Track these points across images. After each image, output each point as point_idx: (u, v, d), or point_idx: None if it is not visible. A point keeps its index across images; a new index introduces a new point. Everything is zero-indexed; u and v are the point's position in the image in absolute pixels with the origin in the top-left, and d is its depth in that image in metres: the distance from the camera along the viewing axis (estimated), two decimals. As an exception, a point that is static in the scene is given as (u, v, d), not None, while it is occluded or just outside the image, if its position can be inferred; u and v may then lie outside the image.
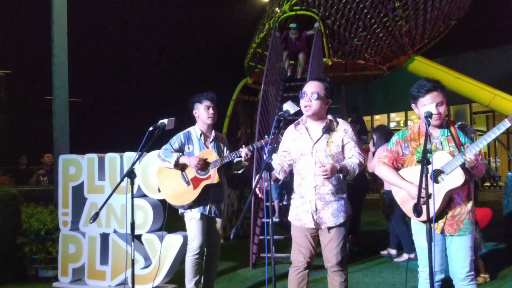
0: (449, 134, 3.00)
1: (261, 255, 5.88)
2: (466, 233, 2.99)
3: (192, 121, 4.35)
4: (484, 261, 4.98)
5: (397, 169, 3.12)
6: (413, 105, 3.07)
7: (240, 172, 4.28)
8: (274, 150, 3.14)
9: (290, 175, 3.47)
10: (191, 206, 4.12)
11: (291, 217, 3.42)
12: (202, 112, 4.19)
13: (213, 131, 4.30)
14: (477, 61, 20.51)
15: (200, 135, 4.22)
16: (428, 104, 2.93)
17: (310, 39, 8.84)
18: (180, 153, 4.14)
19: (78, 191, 5.19)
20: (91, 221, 3.26)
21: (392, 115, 26.17)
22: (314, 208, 3.26)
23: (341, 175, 3.27)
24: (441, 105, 2.95)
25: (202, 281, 4.28)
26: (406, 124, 23.66)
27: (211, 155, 4.11)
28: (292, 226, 3.42)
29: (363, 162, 3.29)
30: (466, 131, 2.98)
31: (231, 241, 3.48)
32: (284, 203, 7.04)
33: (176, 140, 4.21)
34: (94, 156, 5.12)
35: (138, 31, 18.64)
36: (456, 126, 3.04)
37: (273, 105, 7.46)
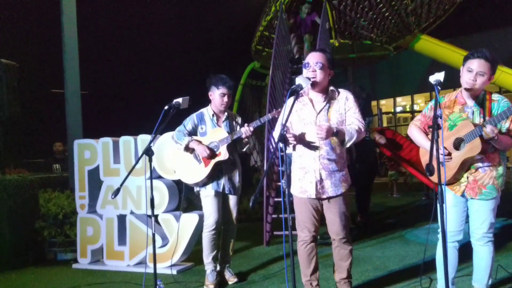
0: (482, 106, 3.06)
1: (275, 233, 5.99)
2: (488, 197, 3.09)
3: (204, 101, 4.42)
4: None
5: (428, 133, 3.26)
6: (461, 68, 3.11)
7: (244, 149, 4.33)
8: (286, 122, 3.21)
9: None
10: (205, 183, 4.22)
11: (294, 190, 3.44)
12: (217, 97, 4.27)
13: (226, 112, 4.38)
14: (483, 42, 20.37)
15: (213, 115, 4.31)
16: (472, 68, 3.00)
17: (317, 25, 8.88)
18: (192, 138, 4.22)
19: (94, 174, 5.31)
20: (112, 197, 3.36)
21: (398, 99, 26.08)
22: (318, 177, 3.32)
23: (341, 145, 3.32)
24: (482, 75, 2.99)
25: (219, 257, 4.38)
26: (412, 108, 23.60)
27: (222, 133, 4.20)
28: (295, 200, 3.46)
29: (362, 130, 3.33)
30: (499, 104, 3.04)
31: (251, 209, 3.59)
32: None
33: (189, 121, 4.31)
34: (108, 140, 5.23)
35: (146, 13, 18.68)
36: (496, 98, 3.09)
37: (282, 87, 7.51)
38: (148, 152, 3.57)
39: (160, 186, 4.88)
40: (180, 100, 3.81)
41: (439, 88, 2.81)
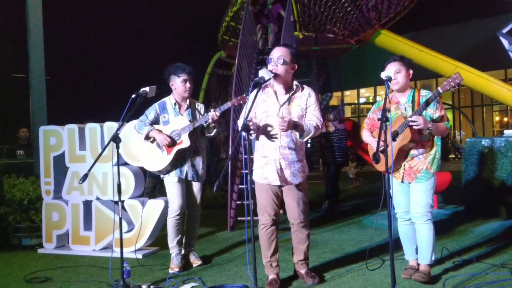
0: (412, 101, 3.52)
1: (238, 218, 6.20)
2: (423, 180, 3.54)
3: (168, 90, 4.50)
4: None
5: (373, 132, 3.78)
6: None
7: (212, 134, 4.36)
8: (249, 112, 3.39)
9: None
10: (168, 170, 4.34)
11: (256, 176, 3.65)
12: (179, 85, 4.33)
13: (188, 99, 4.44)
14: (443, 35, 21.10)
15: (175, 104, 4.38)
16: (390, 71, 3.49)
17: (282, 17, 9.08)
18: (152, 127, 4.31)
19: (59, 161, 5.35)
20: (80, 182, 3.48)
21: (362, 90, 26.68)
22: (278, 166, 3.54)
23: (299, 138, 3.52)
24: (399, 72, 3.51)
25: (184, 241, 4.54)
26: (375, 99, 24.19)
27: (183, 121, 4.29)
28: (257, 185, 3.66)
29: (320, 126, 3.57)
30: (430, 96, 3.46)
31: (215, 193, 3.78)
32: None
33: (151, 111, 4.39)
34: (74, 127, 5.26)
35: (111, 3, 18.40)
36: (424, 94, 3.55)
37: (248, 77, 7.67)
38: (116, 139, 3.69)
39: (126, 172, 4.97)
40: (147, 88, 3.93)
41: (389, 84, 3.10)
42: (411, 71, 3.57)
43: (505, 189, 6.16)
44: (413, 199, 3.60)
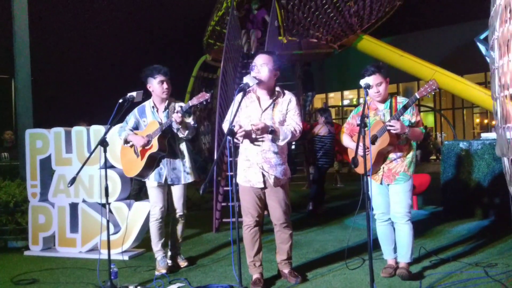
0: (390, 107, 3.70)
1: (224, 220, 6.30)
2: (401, 182, 3.71)
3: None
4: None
5: (352, 136, 3.92)
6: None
7: (185, 135, 4.24)
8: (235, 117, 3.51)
9: None
10: (147, 175, 4.34)
11: (239, 179, 3.77)
12: (156, 86, 4.29)
13: (167, 100, 4.37)
14: (424, 40, 21.49)
15: (153, 107, 4.36)
16: (371, 83, 3.62)
17: (267, 23, 9.24)
18: (129, 132, 4.32)
19: (45, 163, 5.40)
20: (69, 185, 3.55)
21: (346, 92, 26.98)
22: (261, 169, 3.67)
23: (275, 142, 3.64)
24: (380, 85, 3.68)
25: (169, 243, 4.61)
26: (358, 101, 24.47)
27: (155, 125, 4.25)
28: (240, 188, 3.78)
29: (297, 131, 3.68)
30: (408, 101, 3.61)
31: (201, 195, 3.85)
32: None
33: (131, 116, 4.40)
34: (60, 130, 5.32)
35: (100, 4, 18.35)
36: (401, 100, 3.72)
37: (233, 81, 7.79)
38: (103, 143, 3.77)
39: (112, 175, 5.04)
40: (134, 93, 4.02)
41: (368, 91, 3.25)
42: (388, 79, 3.74)
43: (482, 191, 6.38)
44: (393, 200, 3.76)
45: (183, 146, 4.40)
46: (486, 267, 3.97)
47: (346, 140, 3.97)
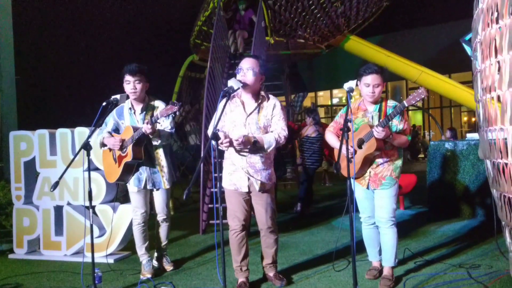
0: (379, 111, 3.65)
1: (210, 222, 6.29)
2: (387, 187, 3.69)
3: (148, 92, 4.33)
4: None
5: (339, 136, 3.83)
6: (358, 82, 3.64)
7: (158, 143, 4.15)
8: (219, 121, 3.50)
9: None
10: (126, 180, 4.26)
11: (225, 183, 3.75)
12: (125, 86, 4.16)
13: (145, 101, 4.23)
14: (412, 39, 21.62)
15: (130, 109, 4.23)
16: (368, 83, 3.59)
17: (254, 23, 9.24)
18: (106, 135, 4.19)
19: (30, 166, 5.35)
20: (52, 190, 3.51)
21: (335, 91, 27.04)
22: (247, 174, 3.66)
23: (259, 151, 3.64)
24: (377, 86, 3.61)
25: (156, 245, 4.59)
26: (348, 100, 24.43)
27: (129, 132, 4.09)
28: (226, 192, 3.77)
29: (281, 138, 3.64)
30: (395, 109, 3.51)
31: (185, 200, 3.84)
32: None
33: (110, 118, 4.27)
34: (45, 132, 5.27)
35: (86, 4, 18.20)
36: (391, 104, 3.68)
37: (220, 81, 7.78)
38: (87, 146, 3.73)
39: (97, 178, 5.01)
40: (118, 96, 3.98)
41: (352, 95, 3.24)
42: (384, 84, 3.71)
43: (467, 191, 6.43)
44: (378, 204, 3.74)
45: (160, 151, 4.24)
46: (469, 268, 4.01)
47: (331, 139, 3.92)
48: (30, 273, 4.58)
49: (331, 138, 3.92)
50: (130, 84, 4.11)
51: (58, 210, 5.19)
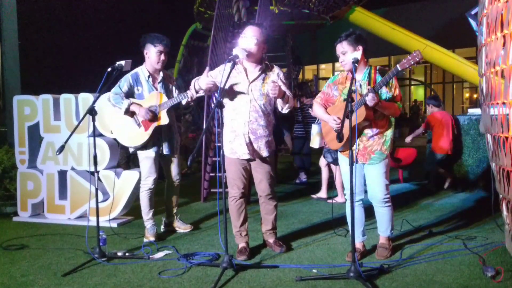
0: (368, 78, 3.53)
1: (212, 190, 6.38)
2: (376, 162, 3.58)
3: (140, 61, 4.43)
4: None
5: (327, 107, 3.74)
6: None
7: (186, 110, 4.48)
8: (224, 89, 3.53)
9: None
10: (144, 146, 4.37)
11: (225, 150, 3.80)
12: (153, 55, 4.29)
13: (161, 72, 4.41)
14: (417, 12, 21.33)
15: (148, 77, 4.34)
16: (338, 53, 3.53)
17: None
18: (131, 100, 4.26)
19: (33, 130, 5.39)
20: (57, 153, 3.56)
21: (337, 64, 26.84)
22: (247, 140, 3.71)
23: (266, 112, 3.74)
24: (344, 54, 3.50)
25: (166, 210, 4.73)
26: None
27: (161, 97, 4.27)
28: (227, 160, 3.82)
29: (292, 99, 3.77)
30: (385, 74, 3.43)
31: (188, 167, 3.91)
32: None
33: (125, 83, 4.32)
34: (49, 97, 5.28)
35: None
36: (377, 69, 3.56)
37: (223, 50, 7.74)
38: (92, 112, 3.76)
39: (101, 144, 5.05)
40: (123, 62, 3.99)
41: (356, 66, 3.23)
42: (360, 47, 3.47)
43: (467, 165, 6.49)
44: (369, 182, 3.65)
45: (174, 118, 4.51)
46: (465, 239, 4.10)
47: (320, 112, 3.70)
48: (34, 235, 4.67)
49: (318, 109, 3.75)
50: (162, 55, 4.29)
51: (62, 174, 5.26)
